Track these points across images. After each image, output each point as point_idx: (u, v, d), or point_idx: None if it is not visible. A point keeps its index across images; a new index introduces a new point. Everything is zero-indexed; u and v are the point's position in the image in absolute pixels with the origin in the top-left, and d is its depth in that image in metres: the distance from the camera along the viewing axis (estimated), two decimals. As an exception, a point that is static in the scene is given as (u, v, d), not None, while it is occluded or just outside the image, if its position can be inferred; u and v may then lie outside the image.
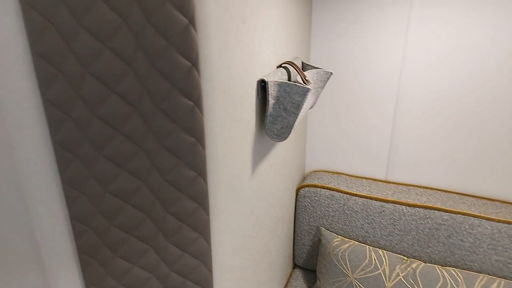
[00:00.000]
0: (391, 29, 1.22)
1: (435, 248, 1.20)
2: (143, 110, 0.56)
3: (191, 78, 0.57)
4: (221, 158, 0.72)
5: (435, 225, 1.18)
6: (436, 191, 1.30)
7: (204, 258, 0.70)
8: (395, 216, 1.23)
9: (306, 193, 1.36)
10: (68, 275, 0.63)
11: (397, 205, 1.23)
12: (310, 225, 1.38)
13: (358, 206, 1.27)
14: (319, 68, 1.07)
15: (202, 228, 0.68)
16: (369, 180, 1.40)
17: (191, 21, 0.54)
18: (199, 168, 0.63)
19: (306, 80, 0.93)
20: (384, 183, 1.37)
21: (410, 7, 1.17)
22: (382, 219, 1.24)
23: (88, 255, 0.61)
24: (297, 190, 1.39)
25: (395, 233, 1.24)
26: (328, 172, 1.48)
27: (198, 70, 0.58)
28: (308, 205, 1.36)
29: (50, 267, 0.62)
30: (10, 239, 0.62)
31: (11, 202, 0.58)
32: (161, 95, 0.56)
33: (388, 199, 1.25)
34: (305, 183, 1.38)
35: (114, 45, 0.51)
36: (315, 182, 1.37)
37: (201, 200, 0.66)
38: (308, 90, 0.81)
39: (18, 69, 0.50)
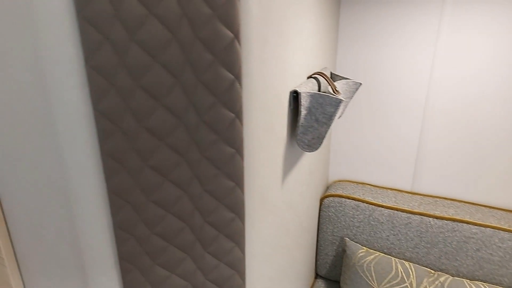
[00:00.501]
0: (419, 39, 1.21)
1: (463, 262, 1.18)
2: (188, 121, 0.57)
3: (234, 91, 0.58)
4: (256, 169, 0.73)
5: (464, 238, 1.16)
6: (464, 203, 1.28)
7: (239, 268, 0.71)
8: (422, 228, 1.21)
9: (330, 203, 1.35)
10: (109, 282, 0.64)
11: (424, 217, 1.22)
12: (334, 235, 1.37)
13: (383, 217, 1.26)
14: (348, 79, 1.07)
15: (238, 238, 0.69)
16: (394, 191, 1.39)
17: (236, 35, 0.56)
18: (237, 179, 0.64)
19: (336, 90, 0.94)
20: (410, 194, 1.35)
21: (441, 16, 1.16)
22: (409, 231, 1.23)
23: (129, 263, 0.63)
24: (321, 200, 1.39)
25: (422, 245, 1.22)
26: (352, 182, 1.48)
27: (240, 83, 0.59)
28: (332, 215, 1.35)
29: (91, 274, 0.63)
30: (54, 245, 0.64)
31: (58, 209, 0.60)
32: (205, 108, 0.57)
33: (415, 210, 1.23)
34: (329, 193, 1.38)
35: (164, 59, 0.53)
36: (340, 192, 1.37)
37: (238, 210, 0.67)
38: (341, 101, 0.82)
39: (72, 81, 0.52)
